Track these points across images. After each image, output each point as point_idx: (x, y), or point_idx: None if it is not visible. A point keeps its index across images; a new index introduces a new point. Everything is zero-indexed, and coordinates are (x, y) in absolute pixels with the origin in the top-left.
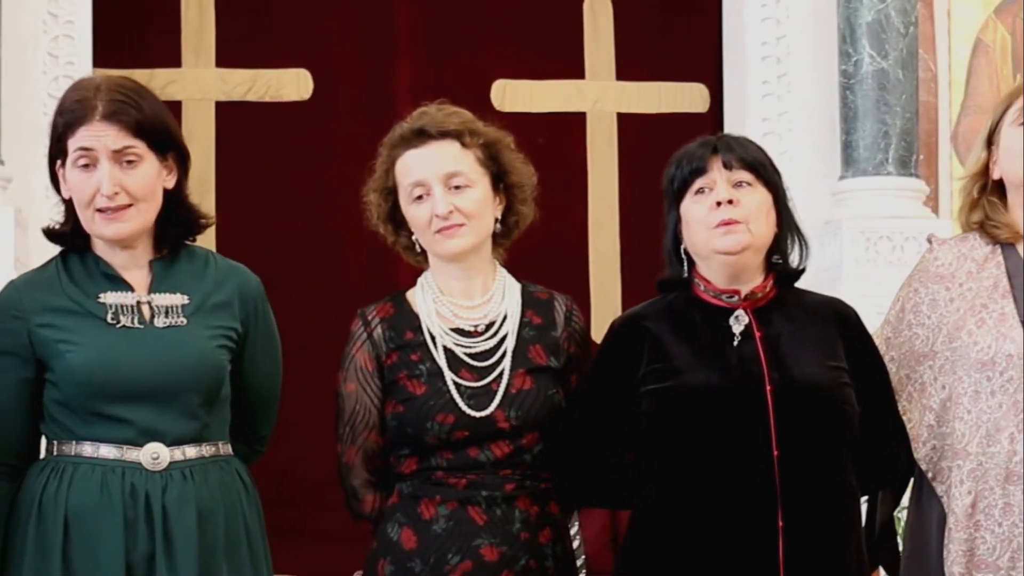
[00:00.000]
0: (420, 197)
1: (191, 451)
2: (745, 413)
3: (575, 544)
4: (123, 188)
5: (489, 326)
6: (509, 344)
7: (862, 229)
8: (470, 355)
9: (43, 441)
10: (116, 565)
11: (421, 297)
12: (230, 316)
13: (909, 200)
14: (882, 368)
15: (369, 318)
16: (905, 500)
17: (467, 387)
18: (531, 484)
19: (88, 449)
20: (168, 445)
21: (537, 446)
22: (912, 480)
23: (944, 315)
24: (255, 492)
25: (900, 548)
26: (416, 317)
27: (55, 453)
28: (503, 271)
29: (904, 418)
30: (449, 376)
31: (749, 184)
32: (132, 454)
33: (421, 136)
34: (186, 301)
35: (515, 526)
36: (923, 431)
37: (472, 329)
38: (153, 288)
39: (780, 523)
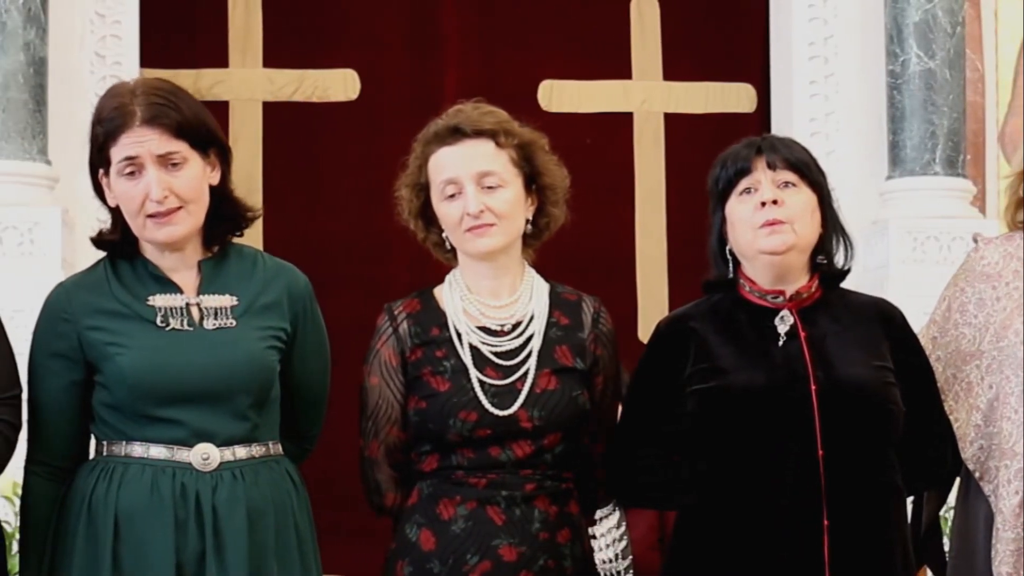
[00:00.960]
0: (452, 195)
1: (241, 451)
2: (790, 413)
3: (622, 545)
4: (172, 191)
5: (516, 325)
6: (535, 344)
7: (909, 229)
8: (496, 353)
9: (92, 441)
10: (166, 565)
11: (449, 294)
12: (279, 316)
13: (956, 200)
14: (928, 368)
15: (395, 313)
16: (951, 499)
17: (491, 385)
18: (551, 484)
19: (138, 449)
20: (219, 446)
21: (559, 447)
22: (958, 480)
23: (991, 314)
24: (305, 492)
25: (946, 548)
26: (443, 314)
27: (104, 453)
28: (532, 271)
29: (951, 418)
30: (474, 374)
31: (794, 185)
32: (182, 454)
33: (456, 134)
34: (235, 302)
35: (534, 526)
36: (970, 431)
37: (499, 328)
38: (202, 289)
39: (825, 522)
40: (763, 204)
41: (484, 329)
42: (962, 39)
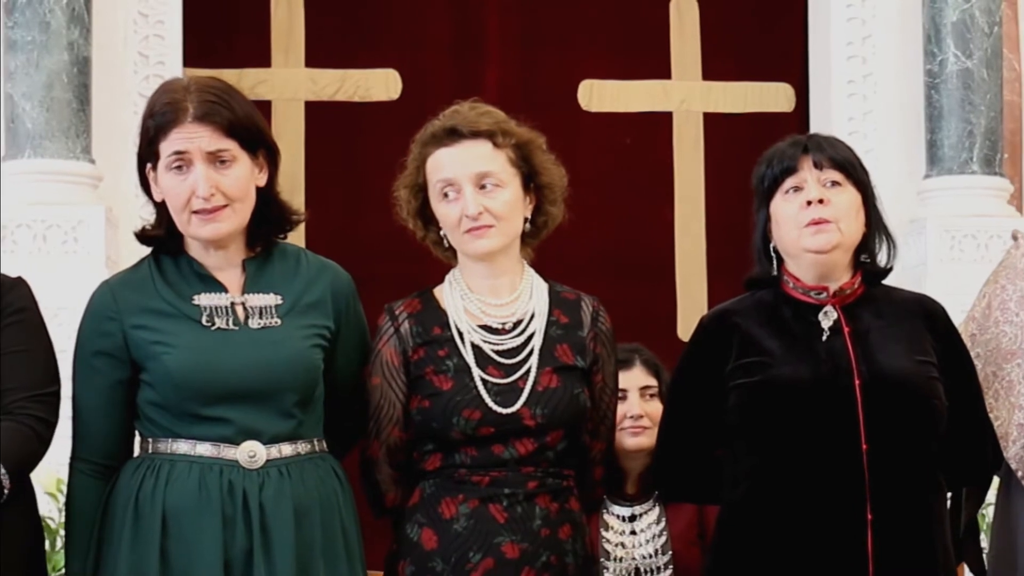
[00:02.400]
0: (450, 196)
1: (287, 449)
2: (834, 406)
3: (662, 540)
4: (218, 189)
5: (516, 324)
6: (536, 342)
7: (947, 227)
8: (497, 352)
9: (136, 438)
10: (214, 562)
11: (449, 294)
12: (323, 315)
13: (993, 198)
14: (970, 364)
15: (396, 313)
16: (989, 497)
17: (494, 384)
18: (552, 482)
19: (185, 447)
20: (265, 443)
21: (561, 444)
22: (997, 479)
23: None
24: (350, 489)
25: (984, 546)
26: (444, 313)
27: (150, 451)
28: (531, 271)
29: (991, 416)
30: (477, 372)
31: (839, 184)
32: (229, 452)
33: (453, 135)
34: (279, 301)
35: (535, 523)
36: (1012, 429)
37: (500, 327)
38: (247, 289)
39: (869, 516)
40: (809, 203)
41: (485, 328)
42: (999, 39)
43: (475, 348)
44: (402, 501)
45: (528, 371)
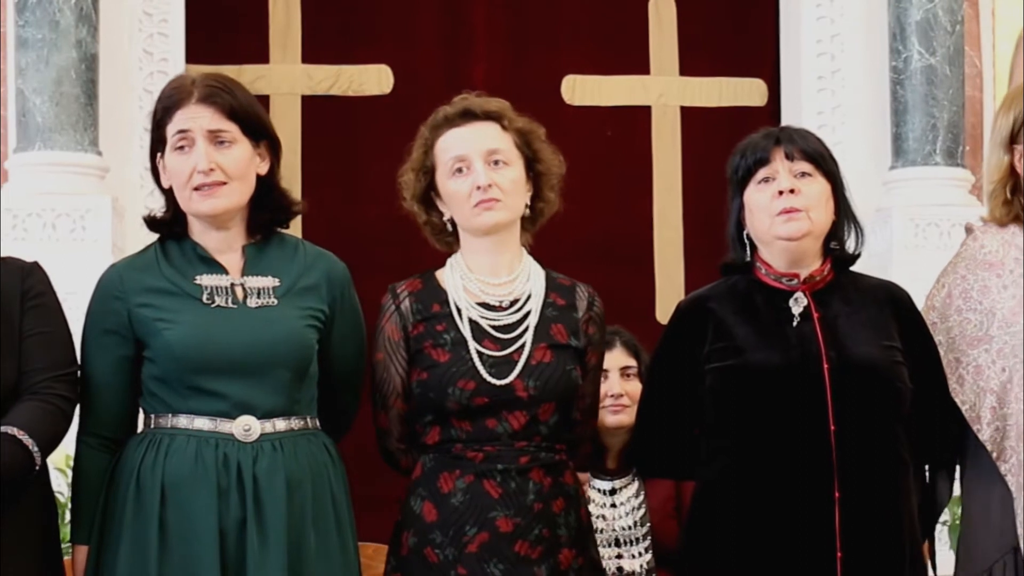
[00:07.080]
0: (460, 171)
1: (281, 424)
2: (803, 390)
3: (641, 513)
4: (218, 166)
5: (514, 302)
6: (532, 320)
7: (911, 216)
8: (494, 327)
9: (140, 415)
10: (210, 531)
11: (450, 275)
12: (318, 299)
13: (955, 189)
14: (933, 348)
15: (398, 292)
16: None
17: (489, 356)
18: (545, 456)
19: (183, 421)
20: (259, 418)
21: (553, 417)
22: (966, 460)
23: (996, 301)
24: (341, 464)
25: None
26: (443, 292)
27: (152, 426)
28: (529, 257)
29: (957, 400)
30: (472, 345)
31: (810, 174)
32: (225, 426)
33: (465, 116)
34: (277, 283)
35: (529, 497)
36: (986, 413)
37: (497, 304)
38: (246, 271)
39: (836, 494)
40: (780, 193)
41: (483, 305)
42: (961, 37)
43: (472, 323)
44: (407, 474)
45: (523, 345)
